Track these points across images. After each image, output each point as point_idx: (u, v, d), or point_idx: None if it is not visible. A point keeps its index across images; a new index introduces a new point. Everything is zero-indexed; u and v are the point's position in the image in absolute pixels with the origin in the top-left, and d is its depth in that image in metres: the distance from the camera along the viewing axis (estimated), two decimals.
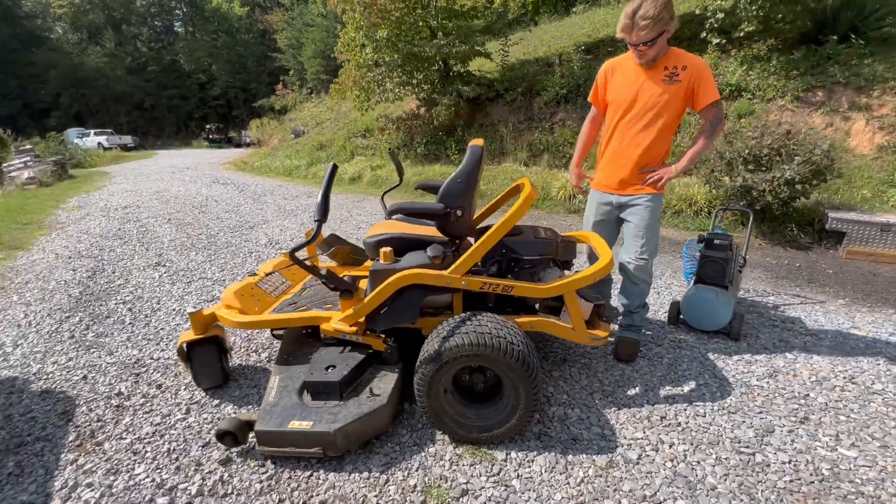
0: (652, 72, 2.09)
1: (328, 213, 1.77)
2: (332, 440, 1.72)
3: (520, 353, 1.71)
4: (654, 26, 1.89)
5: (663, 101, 2.08)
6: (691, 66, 2.04)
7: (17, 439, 2.04)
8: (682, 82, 2.05)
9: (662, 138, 2.16)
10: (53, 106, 34.01)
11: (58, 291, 3.88)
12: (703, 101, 2.06)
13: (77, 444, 1.99)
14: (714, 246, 2.60)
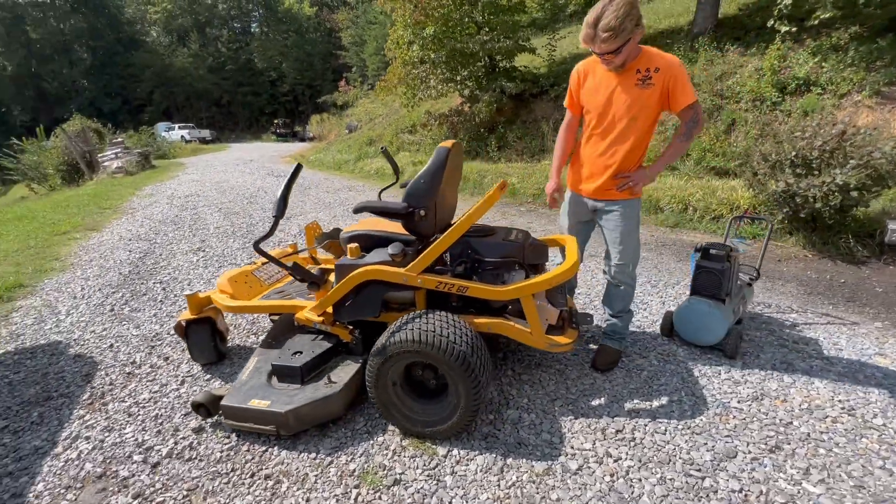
0: (623, 76, 2.01)
1: (286, 210, 1.90)
2: (285, 420, 1.86)
3: (461, 352, 1.73)
4: (617, 37, 1.81)
5: (637, 108, 2.00)
6: (664, 67, 1.94)
7: (46, 394, 2.39)
8: (655, 85, 1.96)
9: (638, 144, 2.10)
10: (147, 102, 37.89)
11: (112, 269, 4.41)
12: (679, 103, 1.97)
13: (89, 402, 2.29)
14: (710, 256, 2.44)
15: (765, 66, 6.73)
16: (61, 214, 7.53)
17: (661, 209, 5.64)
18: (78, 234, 6.05)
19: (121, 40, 36.80)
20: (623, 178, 2.13)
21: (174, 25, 39.07)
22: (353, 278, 2.00)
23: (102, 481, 1.76)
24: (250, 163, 15.01)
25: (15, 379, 2.56)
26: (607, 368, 2.35)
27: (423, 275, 1.96)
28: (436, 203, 2.08)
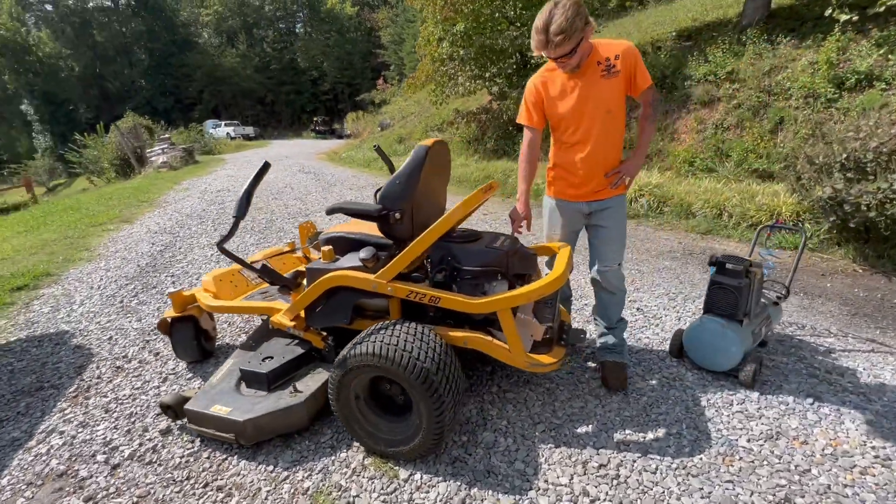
0: (586, 74, 1.93)
1: (247, 211, 1.82)
2: (243, 430, 1.78)
3: (423, 369, 1.59)
4: (570, 38, 1.74)
5: (610, 99, 1.93)
6: (624, 53, 1.89)
7: (38, 384, 2.45)
8: (621, 72, 1.90)
9: (621, 135, 2.05)
10: (198, 101, 39.83)
11: (132, 261, 4.56)
12: (641, 85, 1.94)
13: (74, 395, 2.32)
14: (726, 271, 2.16)
15: (820, 60, 6.13)
16: (103, 206, 7.96)
17: (692, 214, 5.25)
18: (112, 225, 6.35)
19: (175, 42, 38.89)
20: (615, 175, 2.04)
21: (224, 27, 40.83)
22: (322, 283, 1.90)
23: (62, 480, 1.75)
24: (285, 159, 15.39)
25: (17, 367, 2.64)
26: (623, 385, 2.16)
27: (395, 282, 1.83)
28: (413, 205, 1.94)
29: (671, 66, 7.98)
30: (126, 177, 16.18)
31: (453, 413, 1.68)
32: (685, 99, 7.47)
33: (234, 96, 40.39)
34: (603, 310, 2.28)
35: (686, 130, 7.23)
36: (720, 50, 7.53)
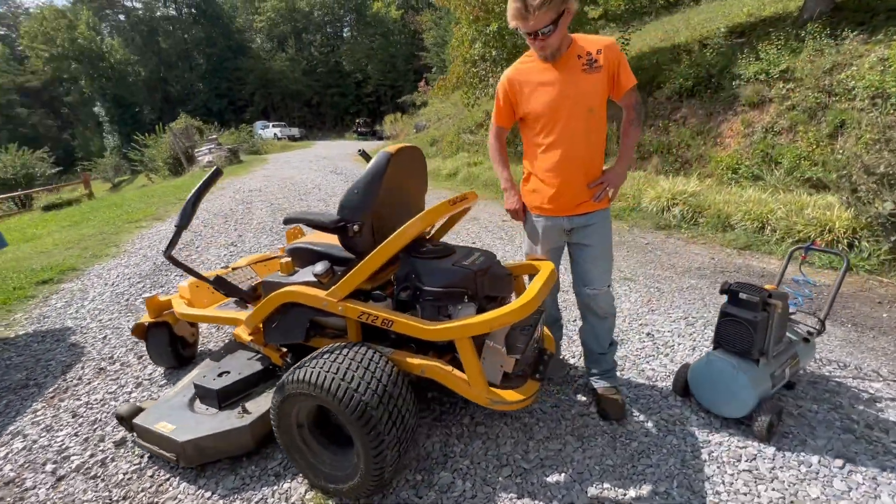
0: (566, 66, 1.72)
1: (190, 221, 1.72)
2: (182, 451, 1.68)
3: (360, 403, 1.42)
4: (551, 6, 1.53)
5: (594, 96, 1.72)
6: (606, 48, 1.70)
7: (25, 381, 2.49)
8: (603, 68, 1.70)
9: (601, 139, 1.84)
10: (249, 103, 41.77)
11: (150, 259, 4.70)
12: (624, 84, 1.74)
13: (51, 395, 2.34)
14: (739, 301, 1.84)
15: (892, 56, 5.43)
16: (143, 204, 8.37)
17: (731, 226, 4.76)
18: (145, 223, 6.63)
19: (230, 47, 41.02)
20: (598, 186, 1.82)
21: (275, 32, 42.59)
22: (274, 298, 1.77)
23: (6, 489, 1.72)
24: (323, 160, 15.72)
25: (14, 362, 2.72)
26: (622, 414, 1.95)
27: (347, 301, 1.67)
28: (376, 217, 1.78)
29: (718, 65, 7.38)
30: (177, 175, 17.16)
31: (397, 453, 1.50)
32: (732, 100, 6.87)
33: (283, 98, 42.02)
34: (592, 335, 2.06)
35: (731, 134, 6.64)
36: (775, 46, 6.87)
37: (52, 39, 34.05)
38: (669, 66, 8.34)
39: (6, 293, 3.82)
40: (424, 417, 2.00)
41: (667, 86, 8.05)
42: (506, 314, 1.52)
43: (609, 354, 2.06)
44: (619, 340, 2.65)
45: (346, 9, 43.46)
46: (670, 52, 9.21)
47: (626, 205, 5.93)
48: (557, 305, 2.26)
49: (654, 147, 7.50)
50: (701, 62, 7.63)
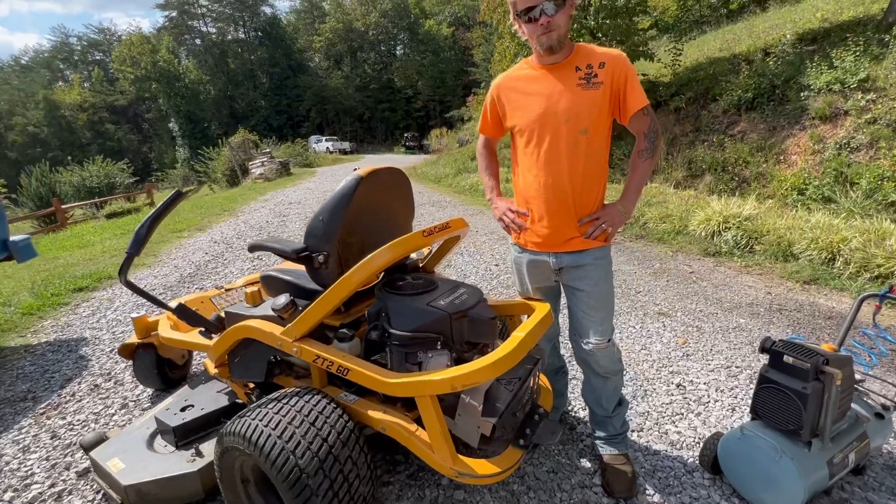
0: (560, 77, 1.47)
1: (142, 248, 1.61)
2: (125, 496, 1.55)
3: (293, 469, 1.22)
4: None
5: (585, 115, 1.45)
6: (611, 61, 1.44)
7: (25, 393, 2.51)
8: (603, 84, 1.43)
9: (595, 169, 1.53)
10: (305, 118, 44.00)
11: (179, 269, 4.82)
12: (632, 106, 1.45)
13: (41, 412, 2.33)
14: (784, 366, 1.46)
15: None
16: (191, 214, 8.80)
17: (793, 255, 4.17)
18: (187, 233, 6.91)
19: (291, 66, 43.57)
20: (591, 222, 1.53)
21: (332, 51, 44.77)
22: (232, 332, 1.62)
23: None
24: None
25: (25, 371, 2.78)
26: (630, 492, 1.62)
27: (302, 342, 1.48)
28: (344, 246, 1.60)
29: (783, 74, 6.70)
30: (233, 186, 18.19)
31: None
32: (799, 112, 6.18)
33: (337, 114, 43.91)
34: (593, 396, 1.75)
35: (798, 150, 5.95)
36: (852, 53, 6.12)
37: (137, 62, 37.71)
38: (727, 77, 7.70)
39: (44, 299, 4.01)
40: (398, 474, 1.76)
41: (723, 98, 7.42)
42: (473, 372, 1.26)
43: (617, 417, 1.73)
44: (643, 390, 2.28)
45: (400, 27, 44.89)
46: (729, 63, 8.53)
47: (671, 227, 5.42)
48: (559, 353, 1.95)
49: (706, 164, 6.89)
50: (763, 72, 6.96)
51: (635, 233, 5.66)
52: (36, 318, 3.67)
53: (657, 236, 5.40)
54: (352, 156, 32.50)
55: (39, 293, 4.14)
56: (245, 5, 45.00)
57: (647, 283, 3.90)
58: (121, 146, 43.08)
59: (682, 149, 7.52)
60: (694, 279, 4.00)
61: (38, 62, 53.95)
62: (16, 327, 3.49)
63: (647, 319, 3.14)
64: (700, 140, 7.39)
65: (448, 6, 44.22)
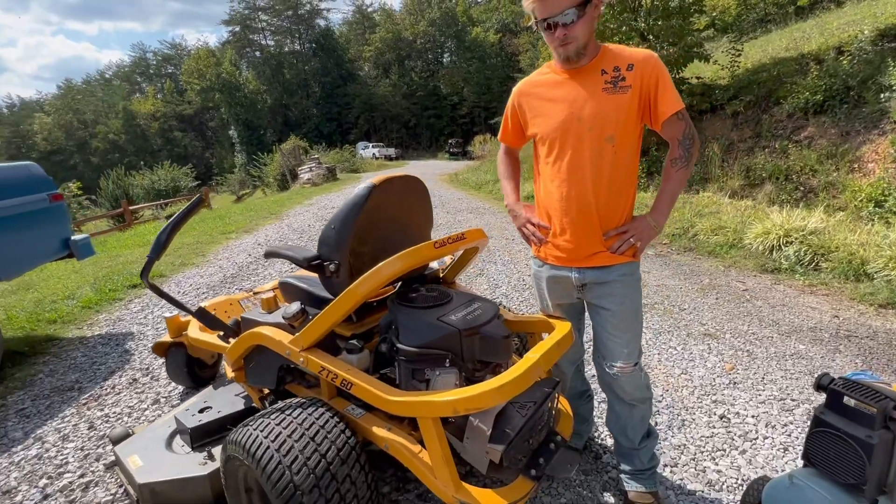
0: (585, 81, 1.36)
1: (163, 252, 1.64)
2: (139, 494, 1.59)
3: (288, 485, 1.18)
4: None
5: (611, 122, 1.34)
6: (640, 63, 1.32)
7: (72, 383, 2.68)
8: (631, 88, 1.32)
9: (623, 179, 1.40)
10: (354, 125, 45.37)
11: (223, 270, 5.04)
12: (664, 111, 1.32)
13: (84, 402, 2.47)
14: (844, 408, 1.25)
15: None
16: (241, 217, 9.25)
17: (867, 275, 3.73)
18: (235, 235, 7.25)
19: (342, 75, 45.19)
20: (618, 235, 1.41)
21: (381, 60, 45.95)
22: (244, 338, 1.63)
23: (1, 498, 1.78)
24: None
25: (77, 362, 2.97)
26: None
27: (310, 352, 1.46)
28: (356, 255, 1.56)
29: (860, 75, 6.08)
30: (283, 190, 19.04)
31: None
32: (878, 116, 5.58)
33: (384, 120, 44.95)
34: (618, 426, 1.60)
35: (875, 158, 5.36)
36: None
37: (203, 75, 40.51)
38: (793, 79, 7.10)
39: (102, 293, 4.32)
40: (408, 493, 1.70)
41: (788, 101, 6.84)
42: (477, 395, 1.18)
43: (644, 450, 1.58)
44: (680, 420, 2.09)
45: (447, 35, 45.36)
46: (796, 63, 7.87)
47: (724, 239, 5.03)
48: (583, 376, 1.81)
49: (767, 172, 6.37)
50: (836, 72, 6.35)
51: (684, 245, 5.31)
52: (93, 311, 3.95)
53: (708, 249, 5.03)
54: (396, 161, 33.07)
55: (99, 288, 4.45)
56: (301, 18, 47.28)
57: (693, 300, 3.62)
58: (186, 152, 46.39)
59: (740, 156, 7.00)
60: (747, 297, 3.67)
61: (119, 76, 59.38)
62: (75, 320, 3.77)
63: (690, 340, 2.90)
64: (760, 146, 6.85)
65: (495, 13, 44.27)
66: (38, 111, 52.51)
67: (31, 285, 4.92)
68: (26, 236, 3.11)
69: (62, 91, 55.22)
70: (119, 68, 60.74)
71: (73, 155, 47.96)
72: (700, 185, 7.19)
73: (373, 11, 50.86)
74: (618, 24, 8.51)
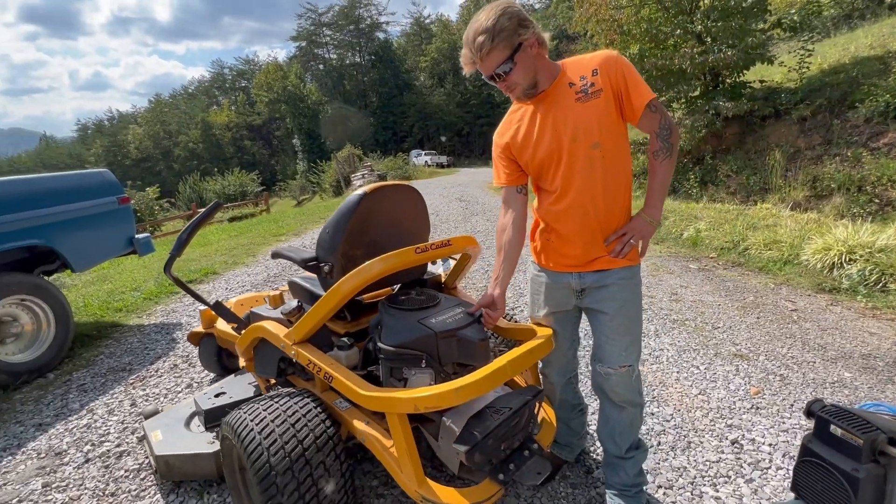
0: (556, 100, 1.38)
1: (182, 250, 1.82)
2: (157, 464, 1.78)
3: (264, 465, 1.29)
4: (496, 40, 1.27)
5: (598, 127, 1.34)
6: (603, 64, 1.34)
7: (124, 365, 3.02)
8: (603, 90, 1.33)
9: (616, 178, 1.42)
10: (409, 134, 46.57)
11: (268, 269, 5.40)
12: (637, 104, 1.33)
13: (131, 382, 2.77)
14: (829, 438, 1.16)
15: None
16: (293, 221, 9.83)
17: None
18: (285, 237, 7.73)
19: (398, 85, 46.64)
20: (618, 239, 1.42)
21: (437, 70, 46.92)
22: (248, 331, 1.78)
23: (52, 458, 2.05)
24: (457, 186, 16.42)
25: (132, 346, 3.34)
26: None
27: (301, 346, 1.58)
28: (348, 258, 1.66)
29: None
30: (338, 195, 19.96)
31: None
32: None
33: (438, 129, 45.74)
34: (606, 429, 1.58)
35: None
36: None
37: (271, 87, 43.45)
38: (872, 80, 6.45)
39: (162, 287, 4.79)
40: (394, 488, 1.76)
41: (865, 104, 6.22)
42: (435, 395, 1.23)
43: (631, 462, 1.54)
44: (686, 441, 1.99)
45: None
46: (880, 62, 7.15)
47: (778, 255, 4.66)
48: (575, 388, 1.78)
49: (837, 182, 5.82)
50: None
51: (732, 259, 4.97)
52: (152, 303, 4.40)
53: (759, 265, 4.68)
54: (448, 169, 33.48)
55: (161, 282, 4.94)
56: (362, 32, 49.48)
57: (730, 319, 3.40)
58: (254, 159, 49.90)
59: (806, 164, 6.44)
60: (794, 318, 3.38)
61: (200, 90, 65.21)
62: (137, 309, 4.22)
63: (717, 361, 2.73)
64: (830, 154, 6.27)
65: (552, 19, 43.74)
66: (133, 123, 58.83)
67: (107, 277, 5.56)
68: (99, 234, 3.54)
69: (152, 105, 61.58)
70: (200, 83, 66.77)
71: (159, 162, 53.13)
72: (759, 196, 6.69)
73: (430, 23, 52.12)
74: (672, 27, 8.16)
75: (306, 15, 50.04)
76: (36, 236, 3.01)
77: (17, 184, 3.12)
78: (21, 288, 2.92)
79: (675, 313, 3.52)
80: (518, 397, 1.47)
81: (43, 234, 3.05)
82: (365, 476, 1.83)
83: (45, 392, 2.71)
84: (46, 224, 3.08)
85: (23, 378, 2.82)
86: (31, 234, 2.99)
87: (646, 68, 8.20)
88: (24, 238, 2.94)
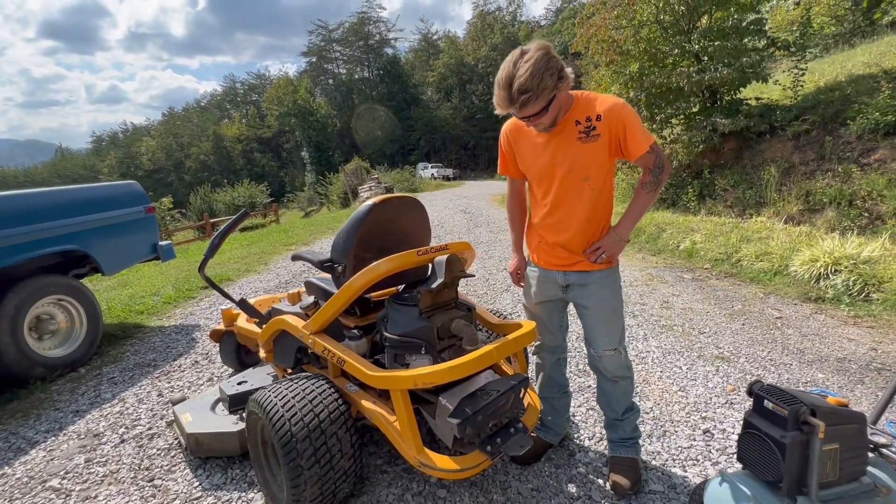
0: (563, 132, 1.60)
1: (214, 253, 2.08)
2: (187, 441, 2.01)
3: (287, 433, 1.52)
4: (539, 97, 1.42)
5: (591, 165, 1.60)
6: (607, 113, 1.53)
7: (149, 361, 3.27)
8: (601, 136, 1.55)
9: (599, 205, 1.68)
10: (415, 147, 47.21)
11: (279, 276, 5.67)
12: (634, 152, 1.55)
13: (157, 376, 3.02)
14: (764, 412, 1.36)
15: None
16: (303, 231, 10.14)
17: None
18: (294, 246, 8.02)
19: (406, 100, 47.49)
20: (594, 251, 1.68)
21: (444, 85, 47.74)
22: (271, 325, 2.02)
23: (91, 439, 2.29)
24: (462, 199, 16.72)
25: (155, 345, 3.60)
26: (635, 487, 1.77)
27: (318, 336, 1.81)
28: (358, 262, 1.90)
29: None
30: (345, 207, 20.35)
31: (318, 492, 1.53)
32: None
33: (444, 142, 46.37)
34: (604, 399, 1.89)
35: None
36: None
37: (281, 101, 44.46)
38: (863, 99, 6.67)
39: (180, 293, 5.06)
40: (397, 466, 1.98)
41: (857, 121, 6.44)
42: (431, 373, 1.46)
43: (626, 421, 1.85)
44: (661, 430, 2.19)
45: None
46: (874, 80, 7.37)
47: (768, 266, 4.84)
48: (562, 371, 2.01)
49: (829, 197, 6.01)
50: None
51: (725, 270, 5.16)
52: (172, 306, 4.66)
53: (750, 275, 4.86)
54: (454, 182, 33.87)
55: (178, 288, 5.22)
56: (371, 48, 50.61)
57: (716, 325, 3.59)
58: (264, 171, 50.76)
59: (799, 179, 6.64)
60: (778, 325, 3.57)
61: (212, 104, 66.73)
62: (157, 312, 4.48)
63: (699, 362, 2.92)
64: (822, 169, 6.47)
65: (557, 36, 44.48)
66: (146, 135, 60.24)
67: (128, 283, 5.86)
68: (127, 240, 3.83)
69: (165, 118, 63.13)
70: (212, 97, 68.37)
71: (171, 173, 54.24)
72: (755, 210, 6.88)
73: (437, 39, 53.18)
74: (670, 46, 8.47)
75: (317, 31, 51.36)
76: (73, 242, 3.29)
77: (57, 194, 3.42)
78: (58, 289, 3.19)
79: (665, 319, 3.72)
80: (506, 383, 1.70)
81: (79, 239, 3.34)
82: (370, 456, 2.04)
83: (78, 384, 2.96)
84: (82, 230, 3.36)
85: (58, 372, 3.07)
86: (69, 240, 3.27)
87: (645, 86, 8.50)
88: (63, 243, 3.23)
